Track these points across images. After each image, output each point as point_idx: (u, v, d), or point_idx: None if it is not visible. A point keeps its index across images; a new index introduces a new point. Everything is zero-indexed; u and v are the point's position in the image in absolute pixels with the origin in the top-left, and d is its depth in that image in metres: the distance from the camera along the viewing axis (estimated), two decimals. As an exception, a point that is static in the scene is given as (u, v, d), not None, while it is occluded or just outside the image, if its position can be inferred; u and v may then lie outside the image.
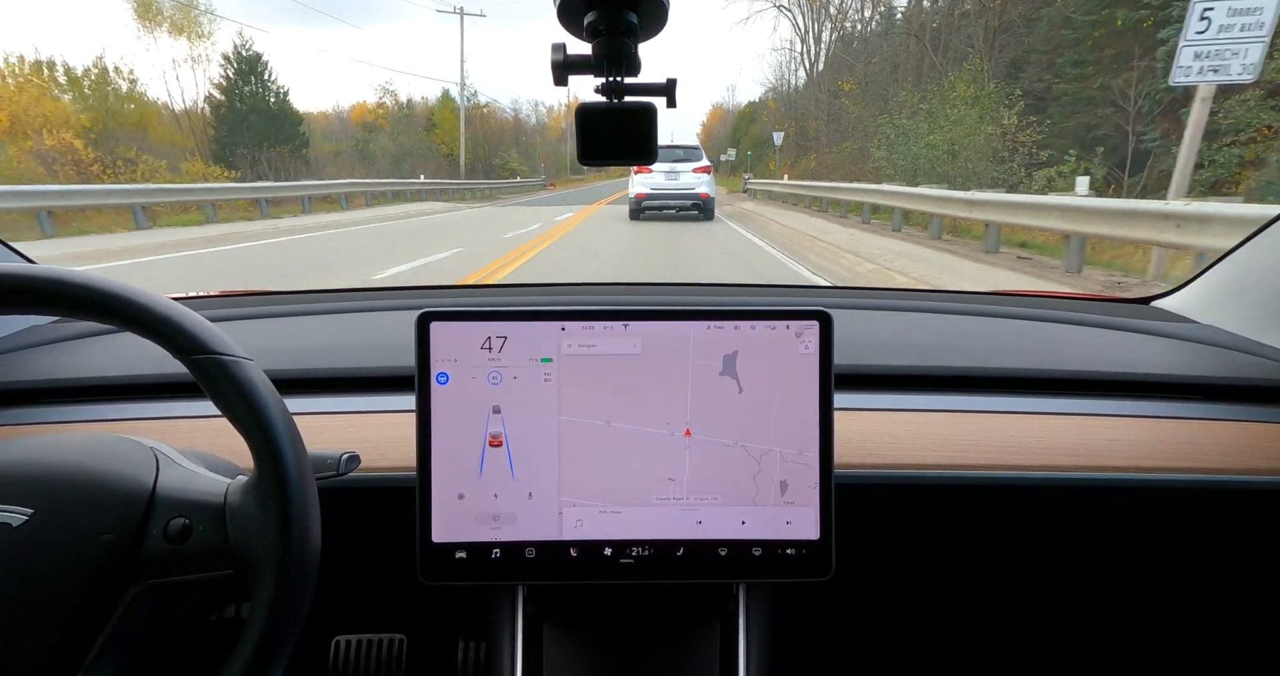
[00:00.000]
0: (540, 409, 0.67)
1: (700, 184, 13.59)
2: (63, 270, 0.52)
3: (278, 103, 29.81)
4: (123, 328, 0.53)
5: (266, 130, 27.98)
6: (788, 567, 0.67)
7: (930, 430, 0.82)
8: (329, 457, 0.61)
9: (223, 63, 29.11)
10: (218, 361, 0.52)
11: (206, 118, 29.02)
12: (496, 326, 0.66)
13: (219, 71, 29.28)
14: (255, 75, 29.27)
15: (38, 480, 0.54)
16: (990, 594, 1.00)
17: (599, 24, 0.60)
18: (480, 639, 1.00)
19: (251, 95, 29.04)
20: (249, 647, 0.50)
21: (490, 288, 3.00)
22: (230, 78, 29.01)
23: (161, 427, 0.79)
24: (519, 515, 0.67)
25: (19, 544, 0.51)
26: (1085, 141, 15.92)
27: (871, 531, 0.80)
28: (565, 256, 8.71)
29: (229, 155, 25.63)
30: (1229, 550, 0.87)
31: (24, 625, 0.51)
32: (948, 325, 1.09)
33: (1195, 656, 1.04)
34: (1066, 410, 0.85)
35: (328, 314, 1.12)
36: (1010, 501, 0.79)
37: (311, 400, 0.84)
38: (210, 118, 28.92)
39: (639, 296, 1.19)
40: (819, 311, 0.67)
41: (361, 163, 34.74)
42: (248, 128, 27.96)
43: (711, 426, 0.67)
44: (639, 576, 0.68)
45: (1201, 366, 0.93)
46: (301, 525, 0.52)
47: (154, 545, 0.53)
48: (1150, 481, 0.77)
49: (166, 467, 0.58)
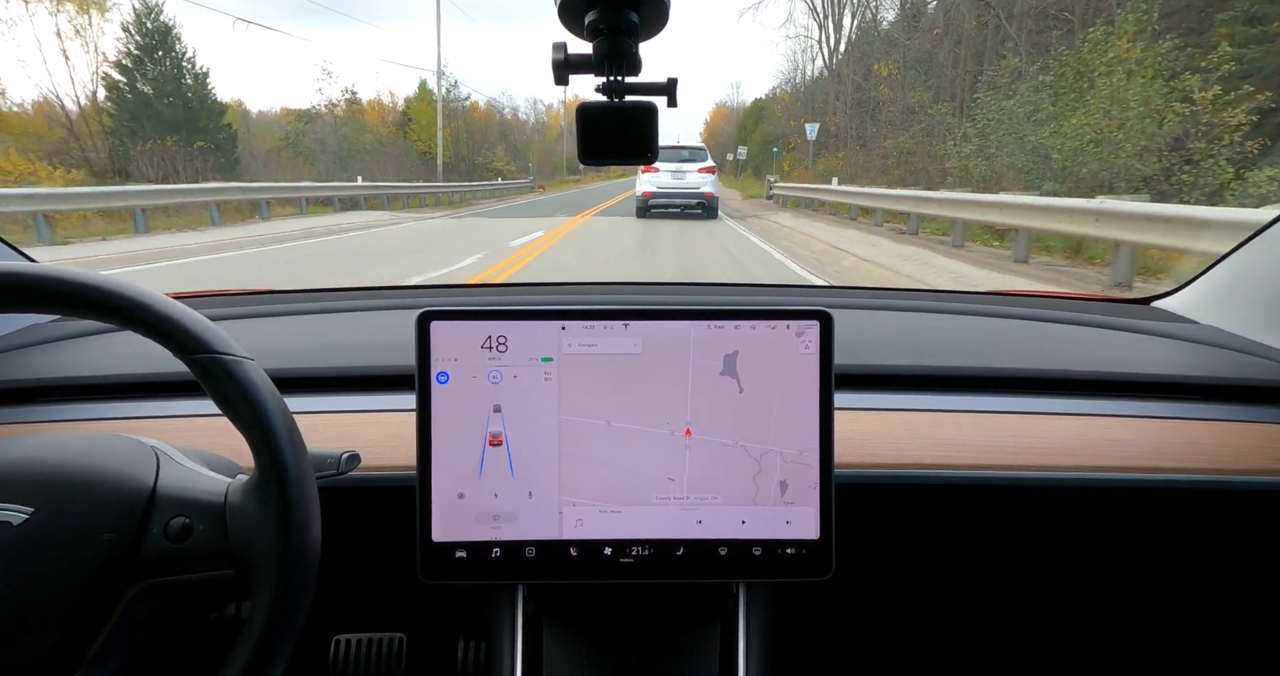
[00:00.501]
0: (540, 408, 0.67)
1: (705, 183, 13.95)
2: (64, 269, 0.52)
3: (195, 88, 23.11)
4: (124, 326, 0.53)
5: (179, 121, 21.59)
6: (788, 567, 0.67)
7: (930, 430, 0.82)
8: (329, 456, 0.61)
9: (122, 35, 22.14)
10: (219, 360, 0.52)
11: (101, 105, 21.97)
12: (497, 326, 0.66)
13: (117, 47, 22.19)
14: (165, 51, 22.35)
15: (38, 479, 0.54)
16: (990, 593, 1.00)
17: (600, 23, 0.60)
18: (480, 638, 1.00)
19: (160, 77, 22.31)
20: (249, 646, 0.50)
21: (491, 287, 3.01)
22: (132, 52, 22.04)
23: (162, 426, 0.80)
24: (519, 514, 0.67)
25: (19, 542, 0.52)
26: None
27: (871, 531, 0.80)
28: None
29: (128, 150, 19.20)
30: (1229, 550, 0.87)
31: (24, 623, 0.51)
32: (948, 325, 1.09)
33: (1195, 656, 1.04)
34: (1067, 410, 0.85)
35: (328, 313, 1.12)
36: (1010, 501, 0.79)
37: (312, 399, 0.84)
38: (108, 105, 22.02)
39: (639, 296, 1.19)
40: (819, 311, 0.67)
41: (297, 160, 27.67)
42: (153, 117, 21.50)
43: (711, 426, 0.67)
44: (639, 576, 0.68)
45: (1202, 367, 0.93)
46: (301, 524, 0.52)
47: (154, 544, 0.54)
48: (1150, 481, 0.77)
49: (167, 466, 0.58)
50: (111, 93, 22.09)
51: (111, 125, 21.71)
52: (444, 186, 25.86)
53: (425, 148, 36.12)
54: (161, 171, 17.82)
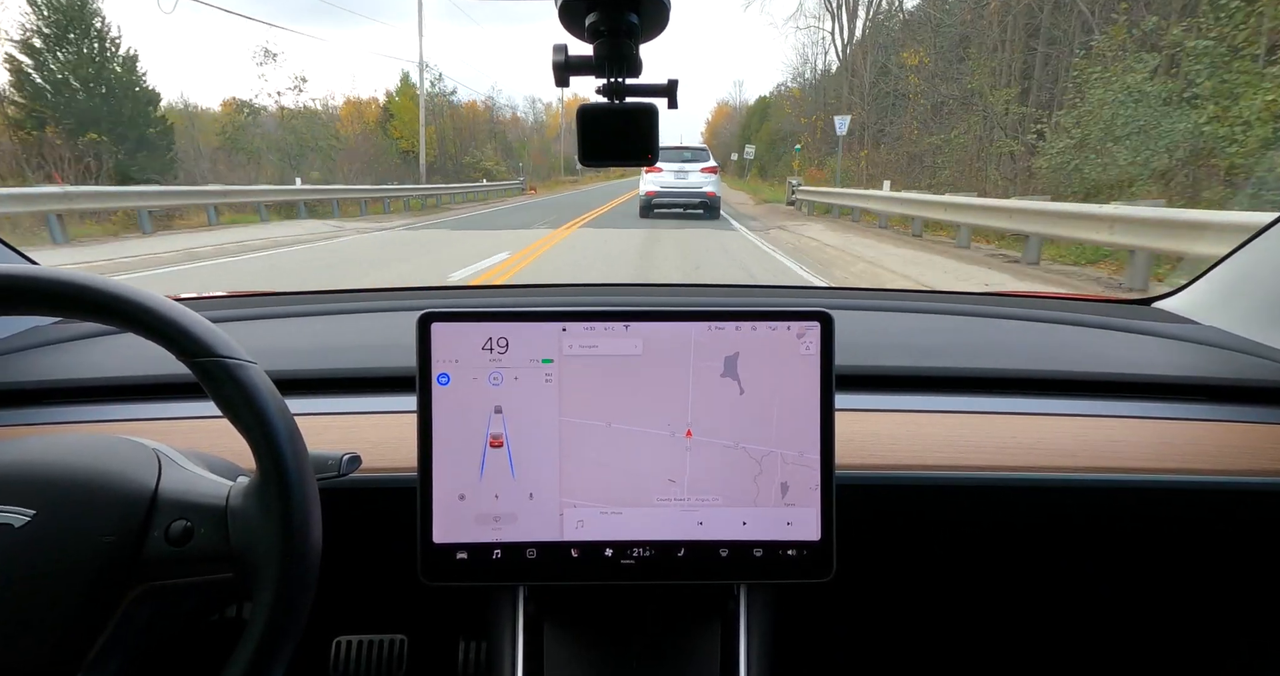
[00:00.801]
0: (541, 409, 0.67)
1: (707, 183, 14.25)
2: (66, 272, 0.52)
3: (122, 74, 18.64)
4: (128, 329, 0.53)
5: (100, 112, 17.49)
6: (789, 568, 0.67)
7: (931, 431, 0.82)
8: (330, 458, 0.61)
9: (28, 8, 17.35)
10: (222, 364, 0.52)
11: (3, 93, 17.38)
12: (498, 327, 0.66)
13: (23, 22, 17.43)
14: (83, 30, 17.91)
15: (40, 481, 0.54)
16: (992, 594, 1.00)
17: (600, 25, 0.60)
18: (481, 639, 1.00)
19: (76, 60, 17.89)
20: (249, 648, 0.50)
21: (492, 288, 3.01)
22: (43, 30, 17.45)
23: (163, 428, 0.80)
24: (520, 516, 0.67)
25: (21, 544, 0.52)
26: None
27: (872, 532, 0.80)
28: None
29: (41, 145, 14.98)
30: (1231, 551, 0.87)
31: (24, 624, 0.51)
32: (949, 326, 1.09)
33: (1196, 656, 1.04)
34: (1068, 411, 0.85)
35: (329, 314, 1.12)
36: (1011, 502, 0.79)
37: (313, 400, 0.84)
38: (11, 92, 17.37)
39: (640, 297, 1.19)
40: (820, 312, 0.67)
41: (238, 159, 22.28)
42: (68, 106, 17.41)
43: (712, 427, 0.67)
44: (640, 577, 0.68)
45: (1203, 367, 0.93)
46: (303, 527, 0.52)
47: (155, 547, 0.54)
48: (1152, 482, 0.77)
49: (169, 469, 0.58)
50: (16, 77, 17.58)
51: (18, 116, 17.36)
52: (410, 189, 21.85)
53: (408, 145, 32.69)
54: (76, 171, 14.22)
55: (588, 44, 0.62)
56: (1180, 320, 1.09)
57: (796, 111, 34.92)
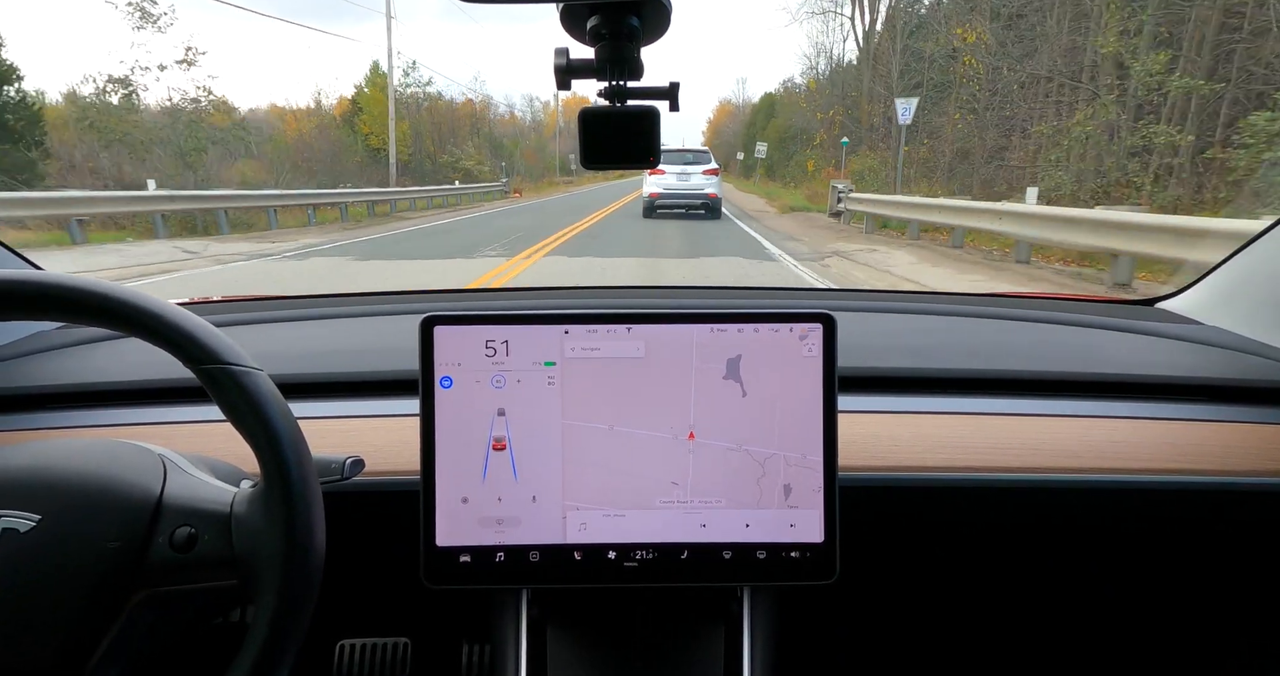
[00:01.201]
0: (544, 412, 0.67)
1: (709, 185, 14.68)
2: (73, 277, 0.52)
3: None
4: (133, 335, 0.53)
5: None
6: (792, 570, 0.67)
7: (935, 432, 0.81)
8: (333, 462, 0.61)
9: None
10: (228, 371, 0.52)
11: None
12: (500, 330, 0.66)
13: None
14: None
15: (46, 486, 0.54)
16: (994, 595, 1.00)
17: (601, 28, 0.60)
18: (484, 642, 1.00)
19: None
20: (253, 652, 0.50)
21: (494, 291, 3.01)
22: None
23: (168, 432, 0.80)
24: (523, 518, 0.67)
25: (25, 549, 0.52)
26: None
27: (875, 533, 0.80)
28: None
29: None
30: (1233, 551, 0.86)
31: (28, 629, 0.51)
32: (952, 327, 1.08)
33: (1197, 656, 1.04)
34: (1071, 412, 0.85)
35: (332, 318, 1.13)
36: (1014, 503, 0.79)
37: (316, 404, 0.84)
38: None
39: (642, 300, 1.19)
40: (822, 314, 0.67)
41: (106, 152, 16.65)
42: None
43: (715, 430, 0.67)
44: (643, 579, 0.68)
45: (1206, 368, 0.93)
46: (306, 531, 0.52)
47: (159, 553, 0.54)
48: (1155, 483, 0.77)
49: (173, 475, 0.58)
50: None
51: None
52: (339, 194, 16.79)
53: (379, 142, 28.37)
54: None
55: (589, 47, 0.62)
56: (1184, 320, 1.08)
57: (812, 106, 31.17)
